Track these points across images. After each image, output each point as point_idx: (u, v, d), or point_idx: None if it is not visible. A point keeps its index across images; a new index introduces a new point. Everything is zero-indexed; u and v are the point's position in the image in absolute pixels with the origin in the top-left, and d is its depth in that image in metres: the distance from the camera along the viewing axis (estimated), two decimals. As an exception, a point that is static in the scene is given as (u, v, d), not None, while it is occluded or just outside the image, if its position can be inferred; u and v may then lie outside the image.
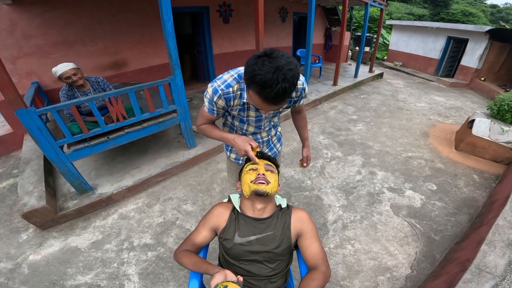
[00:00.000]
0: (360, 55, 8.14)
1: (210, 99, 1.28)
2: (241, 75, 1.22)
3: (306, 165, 1.87)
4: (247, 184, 1.22)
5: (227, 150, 1.81)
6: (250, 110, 1.37)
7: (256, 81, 0.93)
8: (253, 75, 0.93)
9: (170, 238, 2.52)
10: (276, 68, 0.91)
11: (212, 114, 1.37)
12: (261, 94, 0.95)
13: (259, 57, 0.94)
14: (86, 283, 2.12)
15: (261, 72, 0.91)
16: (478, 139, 3.91)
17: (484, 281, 1.59)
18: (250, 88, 0.99)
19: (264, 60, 0.92)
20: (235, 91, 1.25)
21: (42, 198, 2.60)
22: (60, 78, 2.63)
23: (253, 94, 1.00)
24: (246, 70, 0.98)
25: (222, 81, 1.24)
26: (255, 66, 0.93)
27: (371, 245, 2.46)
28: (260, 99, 0.98)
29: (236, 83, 1.24)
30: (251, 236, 1.21)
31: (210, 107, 1.33)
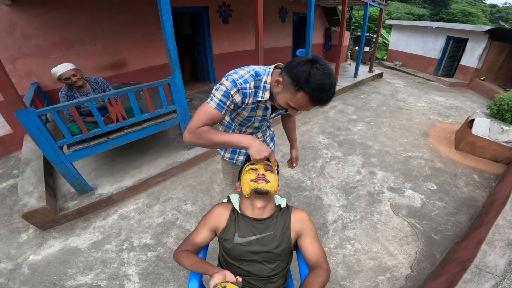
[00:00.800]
0: (360, 55, 8.15)
1: (227, 92, 1.17)
2: (258, 74, 1.21)
3: (296, 165, 1.92)
4: (247, 183, 1.22)
5: (220, 149, 1.77)
6: (258, 109, 1.34)
7: (314, 85, 0.99)
8: (310, 78, 0.98)
9: (170, 239, 2.52)
10: (329, 74, 1.00)
11: (220, 111, 1.20)
12: (315, 96, 1.02)
13: (309, 63, 1.00)
14: (86, 283, 2.12)
15: (319, 77, 0.98)
16: (478, 138, 3.91)
17: (484, 281, 1.59)
18: (302, 91, 1.02)
19: (317, 66, 0.99)
20: (251, 88, 1.21)
21: (42, 198, 2.60)
22: (60, 79, 2.63)
23: (303, 96, 1.03)
24: (298, 74, 1.00)
25: (239, 75, 1.19)
26: (311, 70, 0.98)
27: (371, 245, 2.46)
28: (310, 100, 1.04)
29: (252, 80, 1.20)
30: (250, 236, 1.21)
31: (223, 101, 1.18)
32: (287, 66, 1.07)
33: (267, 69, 1.23)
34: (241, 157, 1.73)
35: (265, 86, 1.22)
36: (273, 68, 1.23)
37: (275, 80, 1.12)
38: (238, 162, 1.75)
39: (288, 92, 1.07)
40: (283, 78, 1.08)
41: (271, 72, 1.21)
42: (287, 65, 1.08)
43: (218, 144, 1.21)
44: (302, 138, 4.49)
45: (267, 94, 1.23)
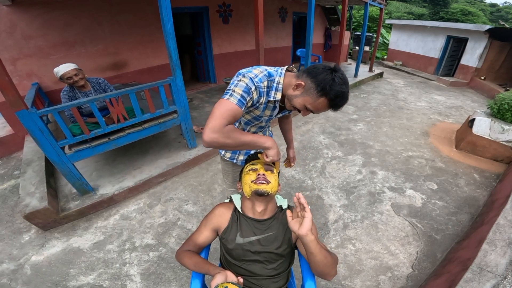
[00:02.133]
0: (360, 54, 8.15)
1: (247, 88, 1.15)
2: (271, 74, 1.24)
3: (293, 164, 1.95)
4: (248, 185, 1.22)
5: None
6: (267, 109, 1.36)
7: (336, 92, 1.08)
8: (335, 86, 1.08)
9: (172, 239, 2.53)
10: (347, 83, 1.13)
11: (241, 108, 1.13)
12: (336, 102, 1.12)
13: (332, 71, 1.09)
14: (89, 284, 2.13)
15: (340, 85, 1.08)
16: (478, 138, 3.92)
17: (485, 280, 1.60)
18: (325, 96, 1.10)
19: (339, 75, 1.09)
20: (264, 88, 1.22)
21: (43, 199, 2.61)
22: (62, 79, 2.63)
23: (324, 101, 1.12)
24: (323, 81, 1.08)
25: (254, 74, 1.19)
26: (335, 78, 1.08)
27: (372, 244, 2.47)
28: (329, 105, 1.14)
29: (266, 80, 1.22)
30: (252, 236, 1.21)
31: (244, 97, 1.14)
32: (310, 72, 1.13)
33: (279, 70, 1.27)
34: (241, 156, 1.72)
35: (278, 87, 1.24)
36: (285, 71, 1.27)
37: (296, 83, 1.15)
38: (238, 162, 1.74)
39: (310, 96, 1.13)
40: (305, 83, 1.13)
41: (283, 74, 1.25)
42: (310, 71, 1.13)
43: (245, 144, 1.14)
44: (302, 138, 4.50)
45: (279, 95, 1.25)
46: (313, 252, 1.01)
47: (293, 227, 1.02)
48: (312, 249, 1.00)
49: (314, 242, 1.00)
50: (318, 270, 1.07)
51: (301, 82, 1.13)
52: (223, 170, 1.91)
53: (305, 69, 1.16)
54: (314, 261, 1.03)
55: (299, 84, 1.14)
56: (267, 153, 1.19)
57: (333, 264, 1.09)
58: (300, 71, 1.21)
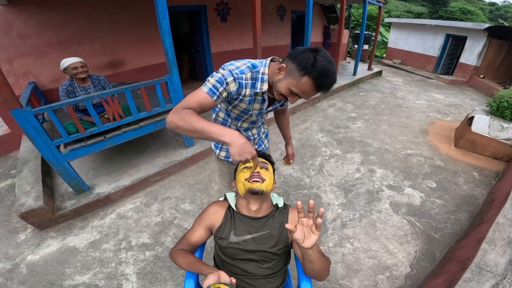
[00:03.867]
0: (359, 53, 8.13)
1: (221, 79, 1.15)
2: (255, 66, 1.23)
3: (292, 161, 1.94)
4: (242, 183, 1.20)
5: (216, 147, 1.72)
6: (255, 102, 1.33)
7: (320, 69, 1.02)
8: (317, 63, 1.02)
9: (168, 238, 2.51)
10: (332, 62, 1.06)
11: (211, 97, 1.13)
12: (320, 81, 1.05)
13: (313, 51, 1.05)
14: (84, 283, 2.11)
15: (323, 63, 1.02)
16: (477, 136, 3.90)
17: (484, 280, 1.58)
18: (308, 75, 1.04)
19: (321, 54, 1.04)
20: (248, 79, 1.22)
21: (39, 198, 2.59)
22: (66, 69, 2.70)
23: (307, 80, 1.06)
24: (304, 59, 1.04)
25: (235, 66, 1.20)
26: (317, 56, 1.02)
27: (371, 243, 2.45)
28: (314, 85, 1.07)
29: (249, 71, 1.21)
30: (246, 235, 1.19)
31: (216, 86, 1.14)
32: (291, 54, 1.11)
33: (264, 61, 1.26)
34: None
35: (263, 78, 1.22)
36: (270, 61, 1.25)
37: (278, 67, 1.13)
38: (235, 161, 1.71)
39: (292, 77, 1.09)
40: (287, 65, 1.10)
41: (268, 64, 1.23)
42: (291, 53, 1.11)
43: (197, 130, 1.02)
44: (301, 136, 4.48)
45: (266, 86, 1.23)
46: (312, 260, 1.00)
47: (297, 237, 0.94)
48: (312, 257, 0.99)
49: (315, 252, 0.99)
50: (313, 274, 1.06)
51: (283, 64, 1.12)
52: (219, 171, 1.86)
53: (288, 54, 1.14)
54: (312, 268, 1.02)
55: (281, 67, 1.12)
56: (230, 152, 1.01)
57: (328, 268, 1.08)
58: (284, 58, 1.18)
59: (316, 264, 1.01)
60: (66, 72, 2.73)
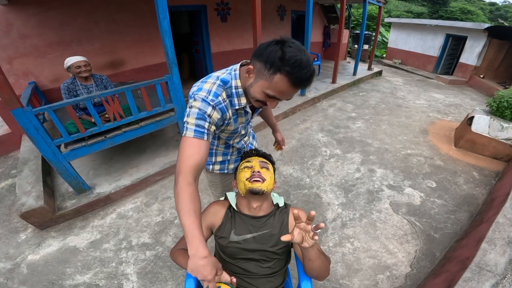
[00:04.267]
0: (359, 53, 8.13)
1: (201, 114, 1.01)
2: (226, 81, 1.08)
3: (284, 146, 1.87)
4: (243, 182, 1.21)
5: (208, 164, 1.56)
6: (239, 117, 1.23)
7: (290, 62, 0.87)
8: (286, 55, 0.87)
9: (169, 237, 2.51)
10: (304, 50, 0.90)
11: (202, 138, 1.02)
12: (296, 75, 0.90)
13: (279, 43, 0.91)
14: (85, 283, 2.11)
15: (294, 53, 0.88)
16: (477, 136, 3.91)
17: (484, 280, 1.58)
18: (279, 72, 0.90)
19: (289, 44, 0.90)
20: (225, 100, 1.08)
21: (40, 198, 2.59)
22: (69, 68, 2.72)
23: (281, 78, 0.91)
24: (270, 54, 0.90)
25: (206, 91, 1.04)
26: (283, 48, 0.88)
27: (371, 243, 2.46)
28: (290, 82, 0.92)
29: (222, 90, 1.07)
30: (247, 234, 1.20)
31: (200, 125, 1.01)
32: (255, 52, 0.97)
33: (232, 72, 1.11)
34: (232, 165, 1.58)
35: (238, 92, 1.10)
36: (239, 68, 1.11)
37: (246, 69, 1.00)
38: (229, 171, 1.60)
39: (263, 78, 0.95)
40: (254, 65, 0.97)
41: (238, 75, 1.09)
42: (255, 51, 0.97)
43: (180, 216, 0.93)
44: (301, 136, 4.48)
45: (244, 99, 1.12)
46: (312, 258, 1.00)
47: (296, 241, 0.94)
48: (311, 256, 0.99)
49: (315, 250, 0.98)
50: (313, 273, 1.07)
51: (250, 66, 0.98)
52: (210, 182, 1.72)
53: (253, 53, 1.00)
54: (312, 266, 1.03)
55: (248, 69, 0.99)
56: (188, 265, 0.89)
57: (328, 267, 1.08)
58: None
59: (315, 262, 1.01)
60: (69, 71, 2.76)
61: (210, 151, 1.46)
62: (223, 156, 1.51)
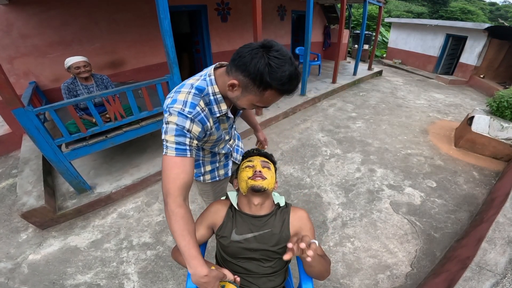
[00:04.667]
0: (359, 53, 8.13)
1: (180, 129, 0.95)
2: (201, 88, 1.02)
3: (266, 146, 1.90)
4: (244, 181, 1.21)
5: (197, 176, 1.51)
6: (221, 124, 1.19)
7: (279, 78, 0.85)
8: (274, 72, 0.85)
9: (169, 237, 2.52)
10: (290, 58, 0.87)
11: (185, 155, 0.97)
12: (285, 87, 0.89)
13: (262, 51, 0.85)
14: (86, 283, 2.12)
15: (282, 67, 0.85)
16: (477, 136, 3.91)
17: (484, 279, 1.59)
18: (270, 88, 0.88)
19: (274, 55, 0.85)
20: (204, 109, 1.01)
21: (41, 197, 2.60)
22: (69, 68, 2.73)
23: (271, 92, 0.90)
24: (257, 71, 0.85)
25: (181, 103, 0.96)
26: (270, 61, 0.84)
27: (371, 243, 2.46)
28: (279, 94, 0.92)
29: (199, 99, 1.00)
30: (248, 233, 1.20)
31: (180, 142, 0.96)
32: (237, 64, 0.90)
33: (207, 77, 1.05)
34: (222, 171, 1.55)
35: (217, 98, 1.05)
36: (213, 72, 1.05)
37: (229, 84, 0.94)
38: (221, 177, 1.57)
39: (252, 94, 0.93)
40: (239, 81, 0.92)
41: (213, 80, 1.04)
42: (237, 63, 0.90)
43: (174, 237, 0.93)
44: (301, 136, 4.48)
45: (224, 106, 1.08)
46: (311, 265, 1.01)
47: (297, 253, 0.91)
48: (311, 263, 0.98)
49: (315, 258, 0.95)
50: (313, 275, 1.08)
51: (233, 81, 0.92)
52: (201, 191, 1.66)
53: (231, 60, 0.94)
54: (312, 270, 1.04)
55: (232, 84, 0.93)
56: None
57: (328, 268, 1.09)
58: (228, 64, 0.97)
59: (315, 267, 1.03)
60: (69, 71, 2.76)
61: (197, 162, 1.44)
62: (211, 164, 1.49)
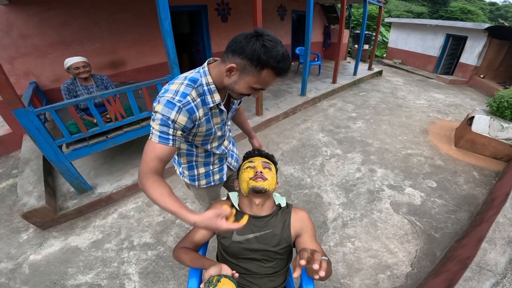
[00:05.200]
0: (359, 53, 8.13)
1: (164, 120, 0.99)
2: (195, 79, 1.06)
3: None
4: (246, 182, 1.22)
5: (192, 180, 1.50)
6: (214, 118, 1.19)
7: (275, 56, 0.93)
8: (269, 52, 0.92)
9: (170, 237, 2.52)
10: (280, 41, 0.96)
11: (167, 144, 1.02)
12: (279, 67, 0.96)
13: (256, 37, 0.93)
14: (87, 283, 2.12)
15: (274, 47, 0.93)
16: (477, 136, 3.91)
17: (484, 279, 1.59)
18: (267, 67, 0.95)
19: (267, 38, 0.93)
20: (195, 99, 1.05)
21: (41, 198, 2.60)
22: (69, 69, 2.73)
23: (268, 72, 0.96)
24: (254, 52, 0.92)
25: (172, 92, 1.01)
26: (264, 43, 0.92)
27: (371, 243, 2.46)
28: (275, 74, 0.98)
29: (192, 89, 1.04)
30: (249, 234, 1.21)
31: (164, 131, 1.00)
32: (234, 49, 0.96)
33: (201, 70, 1.10)
34: (217, 176, 1.53)
35: (210, 89, 1.08)
36: (207, 66, 1.10)
37: (226, 69, 0.99)
38: (216, 182, 1.54)
39: (250, 75, 0.98)
40: (237, 64, 0.97)
41: (207, 71, 1.08)
42: (233, 48, 0.96)
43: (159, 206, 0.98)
44: (301, 136, 4.49)
45: (217, 96, 1.11)
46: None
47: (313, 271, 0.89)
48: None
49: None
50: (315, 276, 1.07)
51: (232, 64, 0.97)
52: (197, 195, 1.65)
53: (226, 48, 0.99)
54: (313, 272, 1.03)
55: (230, 68, 0.98)
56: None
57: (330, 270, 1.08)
58: (223, 54, 1.02)
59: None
60: (69, 72, 2.76)
61: (190, 164, 1.42)
62: (205, 167, 1.45)
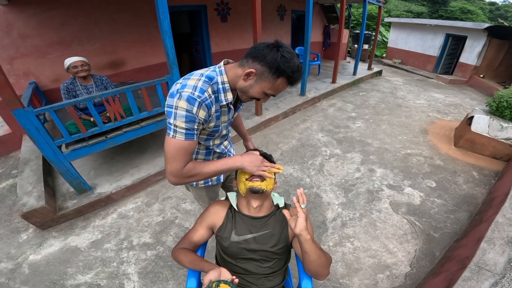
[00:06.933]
0: (359, 52, 8.13)
1: (189, 116, 1.01)
2: (211, 77, 1.09)
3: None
4: (243, 182, 1.22)
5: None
6: (222, 115, 1.22)
7: (292, 68, 1.02)
8: (287, 63, 1.01)
9: (169, 237, 2.52)
10: (296, 54, 1.05)
11: (193, 139, 1.07)
12: (294, 77, 1.06)
13: (277, 48, 1.01)
14: (86, 283, 2.12)
15: (292, 60, 1.02)
16: (477, 135, 3.91)
17: (483, 279, 1.59)
18: (282, 76, 1.04)
19: (286, 50, 1.02)
20: (211, 95, 1.08)
21: (41, 198, 2.60)
22: (68, 69, 2.74)
23: (282, 81, 1.06)
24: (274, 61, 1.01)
25: (191, 87, 1.02)
26: (285, 54, 1.00)
27: (371, 242, 2.47)
28: (288, 82, 1.08)
29: (208, 86, 1.07)
30: (247, 234, 1.21)
31: (190, 128, 1.04)
32: (255, 56, 1.03)
33: (217, 69, 1.13)
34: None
35: (225, 87, 1.12)
36: (223, 66, 1.15)
37: (246, 73, 1.05)
38: (213, 182, 1.56)
39: (266, 81, 1.06)
40: (256, 69, 1.03)
41: (223, 71, 1.12)
42: (255, 55, 1.03)
43: (211, 175, 1.17)
44: (301, 136, 4.49)
45: (230, 95, 1.14)
46: (307, 251, 1.02)
47: (291, 224, 1.05)
48: (306, 248, 1.02)
49: (309, 242, 1.01)
50: (311, 269, 1.07)
51: (251, 69, 1.03)
52: (196, 196, 1.67)
53: (247, 54, 1.07)
54: (308, 260, 1.04)
55: (249, 72, 1.04)
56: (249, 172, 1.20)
57: (327, 265, 1.09)
58: (242, 59, 1.09)
59: (311, 255, 1.03)
60: (68, 71, 2.77)
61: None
62: None
